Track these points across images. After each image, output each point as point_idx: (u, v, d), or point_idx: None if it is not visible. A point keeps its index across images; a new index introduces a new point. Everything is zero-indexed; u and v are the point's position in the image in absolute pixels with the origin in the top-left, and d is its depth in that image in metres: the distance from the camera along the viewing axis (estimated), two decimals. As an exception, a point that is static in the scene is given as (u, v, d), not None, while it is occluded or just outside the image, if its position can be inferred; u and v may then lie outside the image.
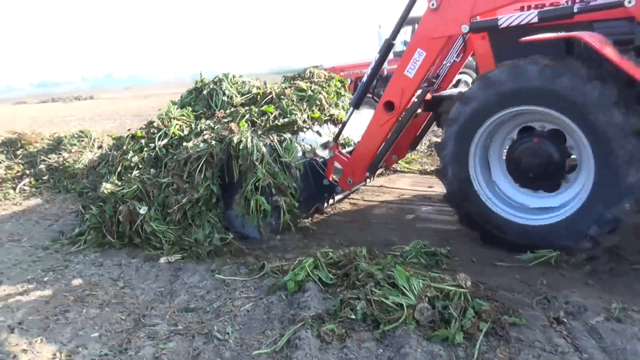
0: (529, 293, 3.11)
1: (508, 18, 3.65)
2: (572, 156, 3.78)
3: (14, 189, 7.36)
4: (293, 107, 5.19)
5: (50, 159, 7.90)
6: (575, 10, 3.42)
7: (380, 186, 6.11)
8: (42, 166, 7.75)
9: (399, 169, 6.80)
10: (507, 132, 3.95)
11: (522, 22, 3.59)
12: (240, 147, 4.38)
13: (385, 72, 5.43)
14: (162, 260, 4.09)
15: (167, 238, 4.33)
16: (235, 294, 3.40)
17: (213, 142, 4.57)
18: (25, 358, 2.83)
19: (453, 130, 3.87)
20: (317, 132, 5.16)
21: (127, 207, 4.46)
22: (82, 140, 8.59)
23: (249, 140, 4.42)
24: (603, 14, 3.49)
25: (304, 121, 5.11)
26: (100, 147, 8.31)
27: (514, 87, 3.52)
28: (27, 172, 7.99)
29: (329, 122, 5.39)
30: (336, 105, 5.69)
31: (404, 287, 2.84)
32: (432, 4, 3.79)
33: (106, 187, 4.72)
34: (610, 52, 3.21)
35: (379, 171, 5.92)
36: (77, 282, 3.87)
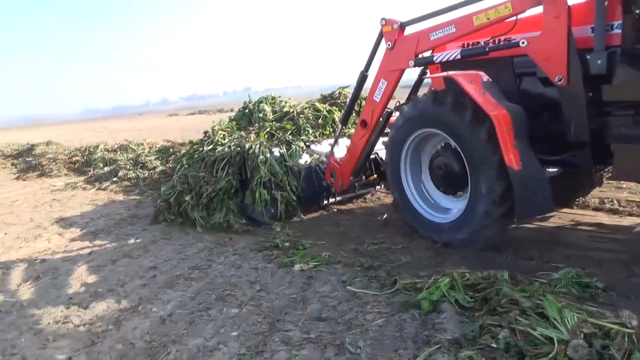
0: None
1: (440, 55, 4.47)
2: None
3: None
4: (307, 124, 6.65)
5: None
6: (487, 49, 4.22)
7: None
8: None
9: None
10: (433, 145, 4.81)
11: (450, 59, 4.39)
12: (250, 152, 5.83)
13: None
14: (296, 267, 4.20)
15: (201, 222, 5.83)
16: (366, 307, 3.35)
17: (232, 148, 6.11)
18: (174, 349, 3.06)
19: (388, 151, 5.00)
20: (330, 145, 6.03)
21: (176, 195, 6.21)
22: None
23: (257, 147, 5.85)
24: (513, 51, 4.10)
25: (315, 136, 6.55)
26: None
27: (414, 115, 4.57)
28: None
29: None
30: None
31: (555, 320, 2.57)
32: (388, 45, 4.74)
33: (163, 189, 6.83)
34: (470, 87, 4.04)
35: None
36: (218, 281, 4.13)
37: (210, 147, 6.52)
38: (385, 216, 5.66)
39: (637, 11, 3.48)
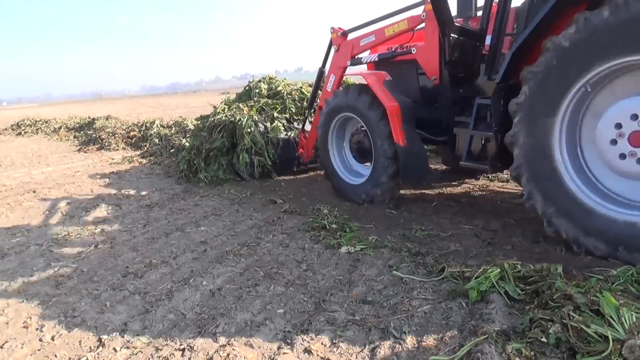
0: None
1: (366, 57, 6.09)
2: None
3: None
4: (292, 104, 8.40)
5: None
6: (394, 54, 5.70)
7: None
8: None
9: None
10: (353, 125, 6.10)
11: (371, 61, 6.05)
12: (239, 123, 7.43)
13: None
14: (343, 249, 4.22)
15: (203, 175, 7.54)
16: (412, 293, 3.34)
17: (227, 117, 7.69)
18: (222, 321, 3.15)
19: (319, 132, 6.36)
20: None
21: (185, 156, 8.17)
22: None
23: (245, 119, 7.45)
24: (409, 56, 5.46)
25: (297, 115, 8.26)
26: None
27: (335, 103, 5.95)
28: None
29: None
30: None
31: (611, 318, 2.47)
32: (335, 48, 6.33)
33: (182, 154, 8.70)
34: (373, 84, 5.39)
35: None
36: (266, 259, 4.21)
37: (214, 118, 8.01)
38: (434, 203, 5.58)
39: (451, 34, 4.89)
